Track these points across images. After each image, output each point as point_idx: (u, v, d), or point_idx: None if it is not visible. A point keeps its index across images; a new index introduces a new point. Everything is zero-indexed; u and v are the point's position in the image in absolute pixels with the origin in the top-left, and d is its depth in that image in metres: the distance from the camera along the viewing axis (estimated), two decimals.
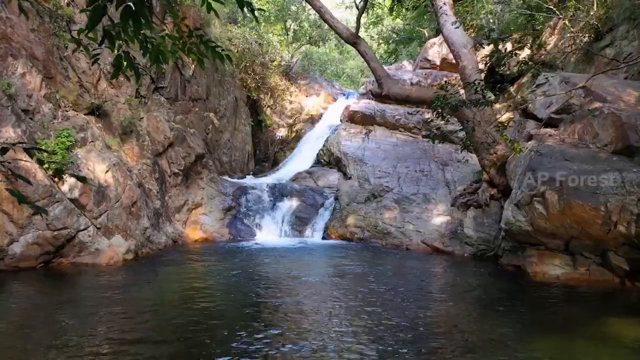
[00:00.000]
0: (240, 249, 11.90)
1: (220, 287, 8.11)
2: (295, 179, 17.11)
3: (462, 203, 12.13)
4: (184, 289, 7.87)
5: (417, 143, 16.43)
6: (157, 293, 7.82)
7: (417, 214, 12.64)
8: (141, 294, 7.60)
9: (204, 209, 13.85)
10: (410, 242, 11.97)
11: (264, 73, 21.53)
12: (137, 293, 7.66)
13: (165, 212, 12.38)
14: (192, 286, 8.04)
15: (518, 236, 9.12)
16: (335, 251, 11.70)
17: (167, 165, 12.81)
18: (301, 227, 13.96)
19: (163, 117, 12.82)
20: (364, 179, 14.72)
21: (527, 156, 9.37)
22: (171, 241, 11.91)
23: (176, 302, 7.17)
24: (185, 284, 8.21)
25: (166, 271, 9.28)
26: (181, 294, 7.52)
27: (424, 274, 9.46)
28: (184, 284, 8.20)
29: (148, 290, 7.91)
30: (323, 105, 23.06)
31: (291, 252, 11.62)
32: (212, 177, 14.85)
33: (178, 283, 8.35)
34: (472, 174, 13.31)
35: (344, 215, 13.53)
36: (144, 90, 12.40)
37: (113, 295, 7.28)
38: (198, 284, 8.26)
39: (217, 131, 16.81)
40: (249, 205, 14.65)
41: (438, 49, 17.91)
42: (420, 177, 13.93)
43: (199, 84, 15.14)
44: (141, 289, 7.89)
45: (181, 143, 13.37)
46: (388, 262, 10.50)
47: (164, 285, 8.31)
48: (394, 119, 17.33)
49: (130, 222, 10.20)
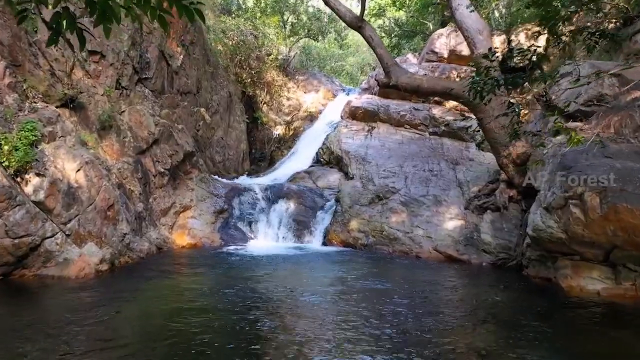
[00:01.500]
0: (232, 256, 10.72)
1: (206, 307, 6.91)
2: (292, 179, 15.95)
3: (477, 206, 10.97)
4: (162, 310, 6.68)
5: (424, 140, 15.27)
6: (131, 313, 6.64)
7: (427, 217, 11.47)
8: (113, 314, 6.41)
9: (193, 212, 12.67)
10: (421, 249, 10.80)
11: (260, 67, 20.38)
12: (109, 312, 6.47)
13: (149, 216, 11.19)
14: (172, 307, 6.84)
15: (548, 244, 7.95)
16: (336, 260, 10.53)
17: (152, 164, 11.62)
18: (299, 231, 12.79)
19: (147, 111, 11.62)
20: (368, 179, 13.55)
21: (557, 153, 8.21)
22: (155, 248, 10.72)
23: (153, 325, 5.99)
24: (164, 302, 7.03)
25: (145, 285, 8.07)
26: (159, 317, 6.34)
27: (438, 288, 8.27)
28: (163, 303, 7.02)
29: (122, 308, 6.72)
30: (322, 101, 21.93)
31: (288, 260, 10.44)
32: (202, 177, 13.68)
33: (156, 301, 7.16)
34: (487, 173, 12.17)
35: (346, 219, 12.36)
36: (125, 81, 11.20)
37: (80, 316, 6.09)
38: (179, 303, 7.07)
39: (209, 128, 15.62)
40: (243, 208, 13.48)
41: (445, 41, 16.77)
42: (429, 177, 12.76)
43: (189, 76, 13.95)
44: (114, 308, 6.69)
45: (167, 140, 12.18)
46: (396, 273, 9.33)
47: (141, 304, 7.11)
48: (398, 115, 16.17)
49: (105, 228, 9.01)
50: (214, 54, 16.95)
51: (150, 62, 12.00)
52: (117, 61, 10.90)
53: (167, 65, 12.80)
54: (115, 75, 10.92)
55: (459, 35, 16.36)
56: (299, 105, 21.79)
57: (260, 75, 20.52)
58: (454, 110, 16.02)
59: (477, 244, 10.24)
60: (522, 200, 10.46)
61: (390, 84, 10.94)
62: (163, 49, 12.48)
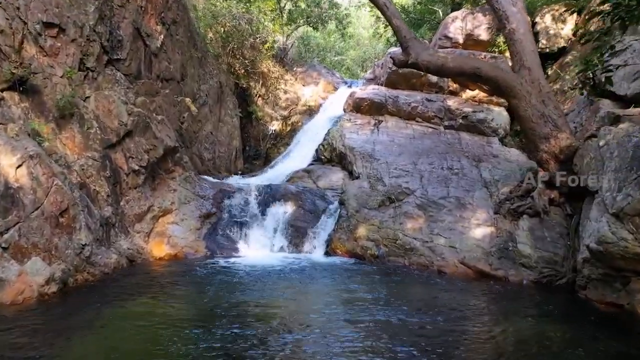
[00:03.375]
0: (219, 270, 8.95)
1: (178, 345, 5.13)
2: (290, 179, 14.18)
3: (510, 210, 9.21)
4: (122, 351, 4.91)
5: (439, 135, 13.52)
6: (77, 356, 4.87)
7: (449, 223, 9.71)
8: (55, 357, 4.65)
9: (174, 216, 10.88)
10: (444, 262, 9.03)
11: (255, 57, 18.60)
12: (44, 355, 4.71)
13: (120, 222, 9.40)
14: (135, 347, 5.08)
15: (619, 261, 6.20)
16: (342, 275, 8.76)
17: (124, 160, 9.82)
18: (298, 239, 11.02)
19: (118, 98, 9.83)
20: (376, 179, 11.79)
21: (626, 145, 6.46)
22: (126, 261, 8.93)
23: None
24: (126, 338, 5.26)
25: (103, 312, 6.27)
26: None
27: (473, 316, 6.48)
28: (124, 339, 5.25)
29: (64, 350, 4.95)
30: (322, 95, 20.15)
31: (285, 275, 8.66)
32: (187, 176, 11.87)
33: (115, 336, 5.39)
34: (519, 171, 10.43)
35: (352, 225, 10.59)
36: (91, 62, 9.41)
37: None
38: (146, 340, 5.30)
39: (195, 121, 13.84)
40: (233, 212, 11.69)
41: (461, 24, 15.04)
42: (449, 176, 11.00)
43: (171, 60, 12.16)
44: (53, 349, 4.93)
45: (144, 132, 10.39)
46: (416, 294, 7.56)
47: (92, 342, 5.32)
48: (409, 107, 14.42)
49: (57, 238, 7.21)
50: (202, 39, 15.18)
51: (123, 41, 10.20)
52: (80, 37, 9.10)
53: (145, 46, 11.01)
54: (79, 53, 9.12)
55: (476, 17, 14.66)
56: (297, 98, 20.02)
57: (255, 66, 18.75)
58: (471, 101, 14.30)
59: (514, 256, 8.47)
60: (565, 204, 8.73)
61: (409, 62, 9.18)
62: (139, 27, 10.69)
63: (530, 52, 9.07)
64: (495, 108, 13.81)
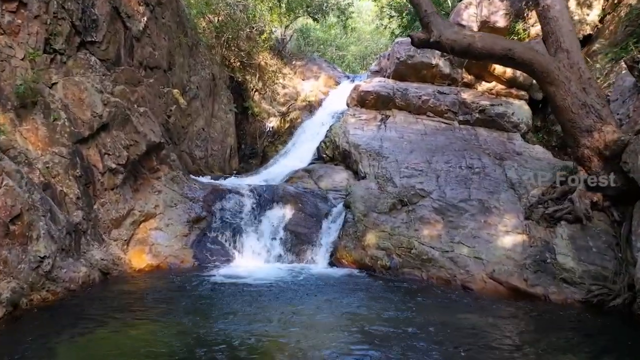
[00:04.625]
0: (207, 285, 7.68)
1: None
2: (289, 179, 12.91)
3: (545, 215, 7.96)
4: None
5: (453, 131, 12.27)
6: None
7: (472, 230, 8.45)
8: None
9: (158, 221, 9.60)
10: (469, 276, 7.76)
11: (251, 48, 17.34)
12: None
13: (93, 229, 8.12)
14: None
15: None
16: (350, 292, 7.48)
17: (99, 157, 8.54)
18: (298, 247, 9.76)
19: (92, 85, 8.55)
20: (386, 179, 10.53)
21: None
22: (98, 274, 7.66)
23: None
24: None
25: (55, 346, 5.00)
26: None
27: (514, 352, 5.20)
28: None
29: None
30: (323, 89, 18.89)
31: (284, 292, 7.37)
32: (174, 176, 10.62)
33: None
34: (550, 170, 9.18)
35: (359, 231, 9.33)
36: (59, 43, 8.13)
37: None
38: None
39: (185, 115, 12.56)
40: (226, 216, 10.44)
41: (475, 11, 13.76)
42: (469, 176, 9.75)
43: (156, 46, 10.88)
44: None
45: (122, 125, 9.12)
46: (435, 317, 6.24)
47: None
48: (419, 101, 13.16)
49: (6, 251, 5.93)
50: (193, 26, 13.90)
51: (99, 21, 8.92)
52: (45, 13, 7.82)
53: (125, 29, 9.72)
54: (44, 32, 7.85)
55: (492, 3, 13.43)
56: (296, 93, 18.74)
57: (251, 58, 17.48)
58: (487, 93, 13.06)
59: (553, 270, 7.21)
60: (611, 208, 7.48)
61: (430, 41, 7.90)
62: (118, 5, 9.40)
63: (568, 32, 7.83)
64: (515, 101, 12.58)
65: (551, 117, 12.66)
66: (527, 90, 12.81)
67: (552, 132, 12.35)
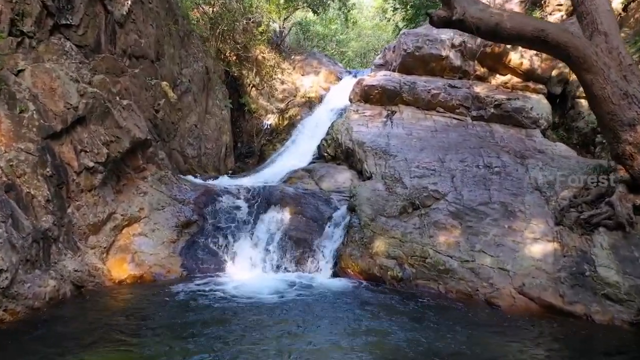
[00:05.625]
0: (195, 301, 6.72)
1: None
2: (288, 179, 11.98)
3: (579, 220, 7.01)
4: None
5: (466, 127, 11.33)
6: None
7: (495, 237, 7.50)
8: None
9: (143, 226, 8.64)
10: (494, 291, 6.80)
11: (247, 41, 16.38)
12: None
13: (66, 236, 7.15)
14: None
15: None
16: (359, 309, 6.52)
17: (73, 154, 7.56)
18: (298, 254, 8.81)
19: (66, 74, 7.58)
20: (394, 179, 9.59)
21: None
22: (70, 287, 6.70)
23: None
24: None
25: None
26: None
27: None
28: None
29: None
30: (324, 85, 17.96)
31: (282, 310, 6.41)
32: (162, 175, 9.68)
33: None
34: (580, 169, 8.23)
35: (366, 237, 8.38)
36: (28, 25, 7.17)
37: None
38: None
39: (175, 110, 11.58)
40: (219, 219, 9.49)
41: None
42: (488, 176, 8.80)
43: (142, 34, 9.91)
44: None
45: (102, 119, 8.15)
46: (458, 338, 5.33)
47: None
48: (429, 95, 12.21)
49: None
50: (184, 13, 12.94)
51: (75, 2, 7.95)
52: None
53: (106, 12, 8.75)
54: (9, 12, 6.88)
55: None
56: (295, 89, 17.78)
57: (248, 51, 16.52)
58: (502, 87, 12.11)
59: (593, 284, 6.26)
60: None
61: (452, 19, 6.93)
62: None
63: (605, 12, 6.91)
64: (533, 95, 11.64)
65: (571, 113, 11.75)
66: (545, 84, 11.87)
67: (573, 129, 11.42)
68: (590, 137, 10.87)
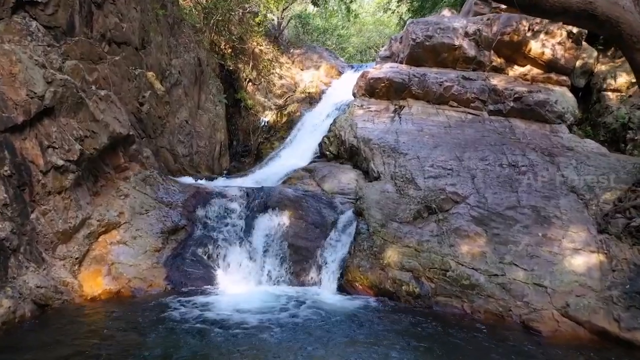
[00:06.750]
0: (177, 325, 5.69)
1: None
2: (287, 180, 10.96)
3: (630, 228, 5.99)
4: None
5: (483, 123, 10.31)
6: None
7: (527, 247, 6.48)
8: None
9: (122, 232, 7.61)
10: (532, 313, 5.77)
11: (244, 32, 15.36)
12: None
13: (28, 246, 6.11)
14: None
15: None
16: (369, 333, 5.50)
17: (38, 150, 6.52)
18: (299, 265, 7.79)
19: (29, 57, 6.54)
20: (406, 180, 8.57)
21: None
22: (32, 307, 5.69)
23: None
24: None
25: None
26: None
27: None
28: None
29: None
30: (325, 80, 16.98)
31: (280, 335, 5.39)
32: (146, 176, 8.67)
33: None
34: (622, 168, 7.22)
35: (376, 246, 7.36)
36: None
37: None
38: None
39: (162, 103, 10.54)
40: (210, 225, 8.47)
41: None
42: (514, 177, 7.79)
43: (124, 17, 8.87)
44: None
45: (74, 111, 7.12)
46: None
47: None
48: (441, 88, 11.19)
49: None
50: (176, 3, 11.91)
51: None
52: None
53: None
54: None
55: None
56: (294, 84, 16.79)
57: (244, 44, 15.50)
58: (521, 79, 11.10)
59: None
60: None
61: None
62: None
63: None
64: (556, 87, 10.62)
65: (596, 107, 10.75)
66: (568, 75, 10.86)
67: (599, 124, 10.42)
68: (620, 134, 9.87)
